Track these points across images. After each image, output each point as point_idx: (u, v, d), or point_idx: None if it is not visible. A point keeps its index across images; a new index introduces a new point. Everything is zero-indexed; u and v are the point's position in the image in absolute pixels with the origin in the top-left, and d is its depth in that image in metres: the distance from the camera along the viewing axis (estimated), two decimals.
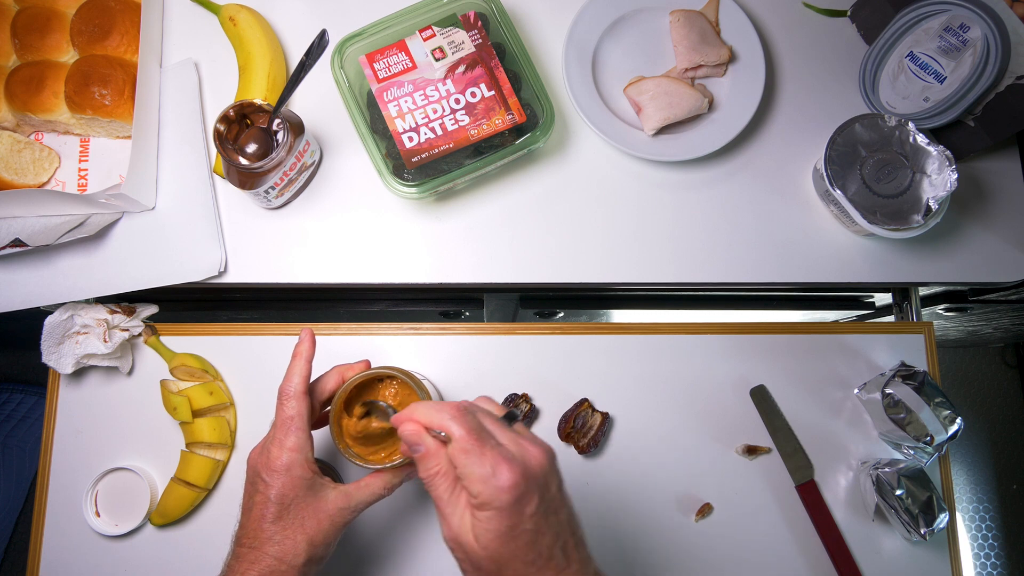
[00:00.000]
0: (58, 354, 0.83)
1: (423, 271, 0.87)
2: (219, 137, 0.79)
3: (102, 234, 0.86)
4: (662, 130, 0.89)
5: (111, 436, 0.86)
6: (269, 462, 0.64)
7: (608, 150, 0.91)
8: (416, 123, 0.82)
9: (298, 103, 0.90)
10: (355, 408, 0.72)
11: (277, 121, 0.80)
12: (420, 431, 0.55)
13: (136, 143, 0.82)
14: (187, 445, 0.84)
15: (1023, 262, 0.90)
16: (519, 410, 0.60)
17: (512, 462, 0.51)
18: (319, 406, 0.70)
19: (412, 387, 0.71)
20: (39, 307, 0.85)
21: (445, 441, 0.54)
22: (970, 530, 1.86)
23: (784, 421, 0.88)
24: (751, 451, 0.87)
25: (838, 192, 0.82)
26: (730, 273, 0.88)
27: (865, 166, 0.83)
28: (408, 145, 0.82)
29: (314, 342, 0.69)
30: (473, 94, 0.83)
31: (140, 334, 0.87)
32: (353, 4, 0.91)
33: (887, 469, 0.82)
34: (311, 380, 0.68)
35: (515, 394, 0.85)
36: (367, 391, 0.73)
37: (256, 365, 0.88)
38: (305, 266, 0.87)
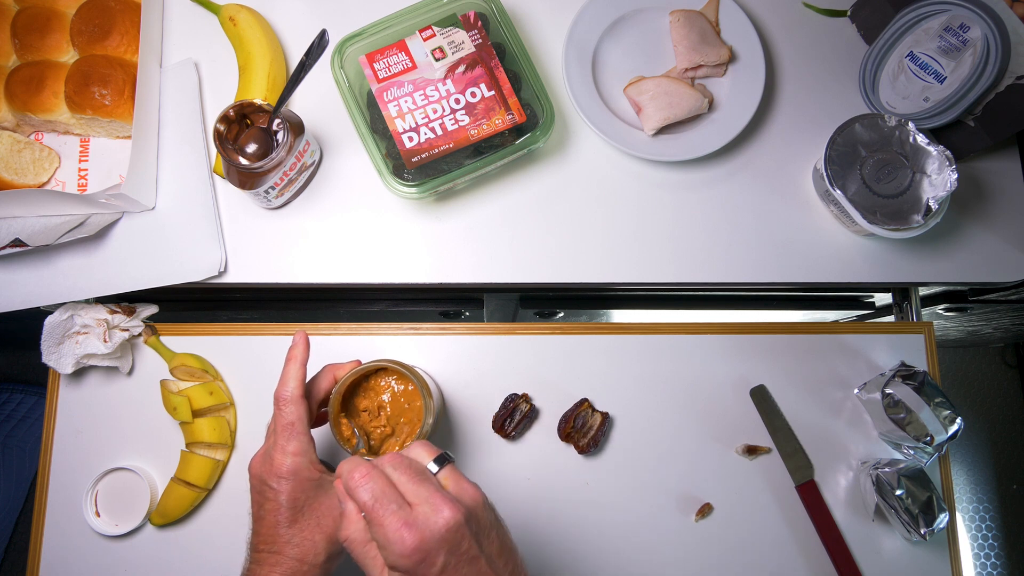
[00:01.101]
0: (58, 354, 0.83)
1: (423, 271, 0.87)
2: (219, 137, 0.79)
3: (102, 234, 0.86)
4: (662, 130, 0.89)
5: (111, 436, 0.86)
6: (274, 468, 0.63)
7: (608, 150, 0.91)
8: (416, 123, 0.82)
9: (298, 103, 0.90)
10: (354, 405, 0.72)
11: (277, 121, 0.80)
12: (342, 492, 0.55)
13: (136, 143, 0.82)
14: (187, 445, 0.84)
15: (1023, 262, 0.90)
16: (450, 454, 0.58)
17: (412, 527, 0.51)
18: (316, 407, 0.70)
19: (409, 377, 0.72)
20: (39, 307, 0.85)
21: None
22: (970, 530, 1.86)
23: (784, 421, 0.88)
24: (751, 451, 0.87)
25: (838, 192, 0.82)
26: (730, 273, 0.88)
27: (865, 166, 0.83)
28: (408, 145, 0.82)
29: (308, 345, 0.69)
30: (473, 94, 0.83)
31: (140, 334, 0.87)
32: (353, 4, 0.91)
33: (887, 469, 0.82)
34: (306, 382, 0.68)
35: (515, 394, 0.85)
36: (364, 387, 0.74)
37: (256, 365, 0.88)
38: (305, 266, 0.87)
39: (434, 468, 0.56)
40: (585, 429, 0.85)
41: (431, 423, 0.71)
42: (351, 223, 0.88)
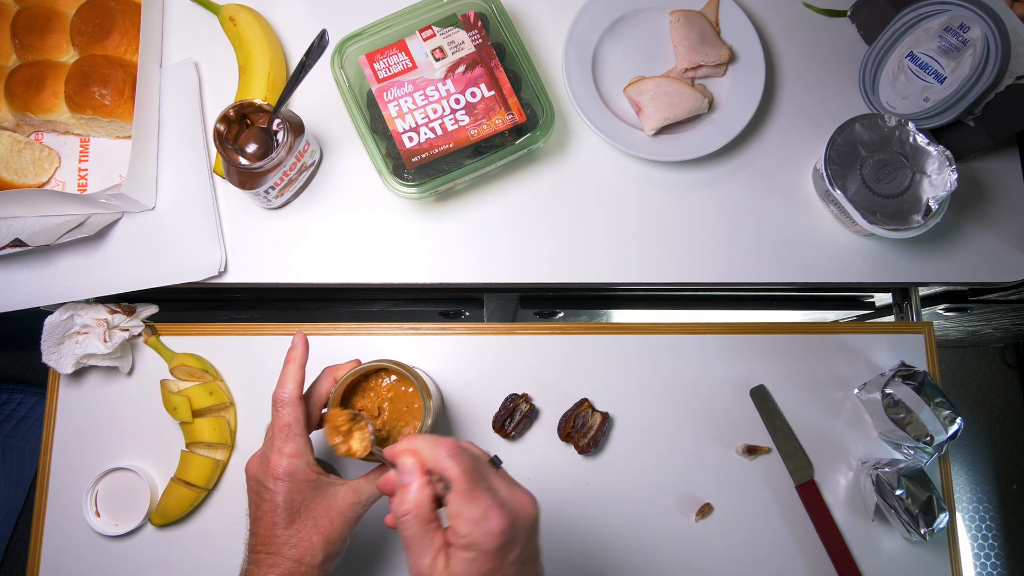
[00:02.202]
0: (58, 354, 0.83)
1: (423, 271, 0.87)
2: (219, 137, 0.79)
3: (102, 234, 0.86)
4: (662, 130, 0.89)
5: (111, 436, 0.86)
6: (270, 470, 0.63)
7: (608, 150, 0.91)
8: (416, 123, 0.82)
9: (298, 103, 0.90)
10: (352, 404, 0.72)
11: (277, 121, 0.80)
12: (418, 466, 0.54)
13: (136, 143, 0.82)
14: (187, 445, 0.84)
15: (1023, 262, 0.90)
16: (498, 458, 0.59)
17: (503, 508, 0.51)
18: (316, 410, 0.69)
19: (408, 378, 0.72)
20: (39, 307, 0.85)
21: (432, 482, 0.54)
22: (970, 530, 1.86)
23: (784, 421, 0.88)
24: (751, 451, 0.87)
25: (838, 192, 0.82)
26: (730, 273, 0.88)
27: (865, 166, 0.83)
28: (408, 145, 0.82)
29: (307, 346, 0.69)
30: (473, 94, 0.83)
31: (140, 334, 0.87)
32: (353, 4, 0.91)
33: (887, 469, 0.82)
34: (306, 385, 0.68)
35: (515, 394, 0.85)
36: (363, 387, 0.74)
37: (256, 365, 0.88)
38: (305, 266, 0.87)
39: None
40: (585, 429, 0.85)
41: (430, 424, 0.71)
42: (351, 223, 0.88)
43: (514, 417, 0.85)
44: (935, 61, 0.83)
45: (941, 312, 1.20)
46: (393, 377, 0.74)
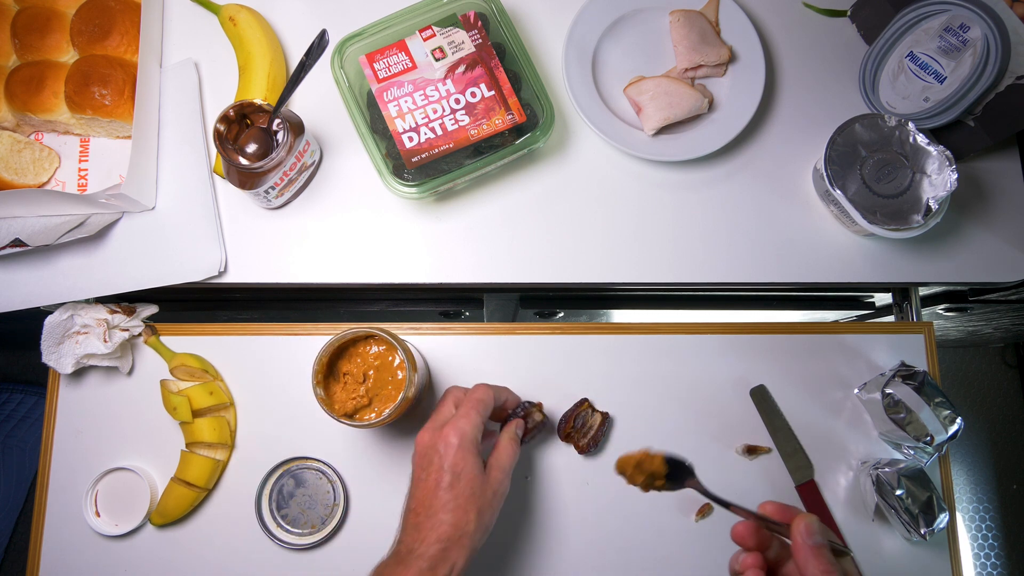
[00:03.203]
0: (58, 354, 0.83)
1: (423, 271, 0.87)
2: (219, 137, 0.79)
3: (102, 234, 0.86)
4: (662, 130, 0.89)
5: (111, 436, 0.86)
6: (444, 434, 0.69)
7: (608, 150, 0.91)
8: (416, 123, 0.82)
9: (298, 103, 0.90)
10: (337, 368, 0.76)
11: (277, 121, 0.80)
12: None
13: (136, 143, 0.82)
14: (187, 445, 0.84)
15: (1023, 262, 0.90)
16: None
17: None
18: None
19: (396, 348, 0.75)
20: (39, 307, 0.85)
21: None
22: (970, 530, 1.86)
23: (784, 421, 0.88)
24: (751, 451, 0.87)
25: (838, 192, 0.82)
26: (730, 273, 0.88)
27: (865, 166, 0.83)
28: (408, 145, 0.82)
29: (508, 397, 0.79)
30: (473, 94, 0.83)
31: (140, 334, 0.87)
32: (353, 4, 0.91)
33: (887, 469, 0.82)
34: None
35: (529, 402, 0.82)
36: (351, 352, 0.77)
37: (256, 365, 0.88)
38: (305, 266, 0.87)
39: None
40: (585, 429, 0.85)
41: (411, 396, 0.74)
42: (351, 223, 0.88)
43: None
44: (935, 61, 0.83)
45: (941, 312, 1.20)
46: (382, 346, 0.76)
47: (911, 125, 0.82)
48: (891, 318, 1.03)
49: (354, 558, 0.84)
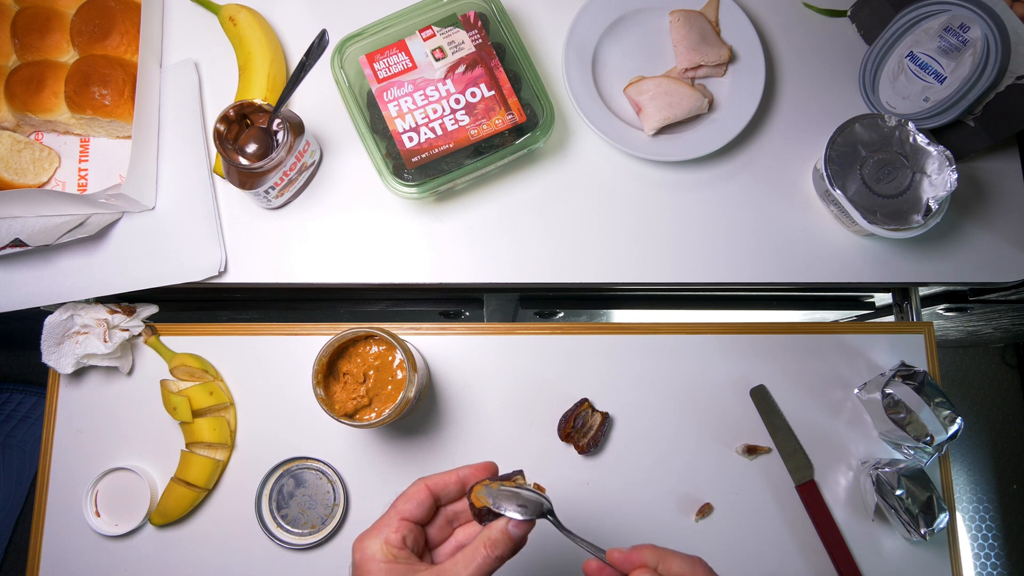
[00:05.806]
0: (58, 354, 0.83)
1: (423, 271, 0.87)
2: (219, 137, 0.79)
3: (102, 234, 0.86)
4: (662, 130, 0.89)
5: (111, 436, 0.86)
6: (354, 548, 0.57)
7: (608, 150, 0.91)
8: (416, 123, 0.82)
9: (298, 103, 0.90)
10: (337, 368, 0.76)
11: (277, 121, 0.80)
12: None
13: (136, 143, 0.82)
14: (187, 445, 0.84)
15: (1023, 262, 0.90)
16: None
17: None
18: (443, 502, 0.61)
19: (396, 348, 0.75)
20: (39, 307, 0.85)
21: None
22: (970, 530, 1.86)
23: (784, 421, 0.88)
24: (751, 451, 0.87)
25: (838, 192, 0.82)
26: (730, 273, 0.88)
27: (865, 166, 0.83)
28: (408, 145, 0.82)
29: (488, 471, 0.63)
30: (473, 94, 0.83)
31: (140, 334, 0.87)
32: (353, 4, 0.91)
33: (887, 469, 0.82)
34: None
35: (505, 475, 0.67)
36: (351, 352, 0.77)
37: (256, 365, 0.88)
38: (305, 266, 0.87)
39: None
40: (585, 429, 0.85)
41: (411, 396, 0.74)
42: (351, 223, 0.88)
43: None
44: (935, 61, 0.83)
45: (941, 312, 1.20)
46: (382, 346, 0.76)
47: (911, 125, 0.82)
48: (891, 318, 1.03)
49: None
